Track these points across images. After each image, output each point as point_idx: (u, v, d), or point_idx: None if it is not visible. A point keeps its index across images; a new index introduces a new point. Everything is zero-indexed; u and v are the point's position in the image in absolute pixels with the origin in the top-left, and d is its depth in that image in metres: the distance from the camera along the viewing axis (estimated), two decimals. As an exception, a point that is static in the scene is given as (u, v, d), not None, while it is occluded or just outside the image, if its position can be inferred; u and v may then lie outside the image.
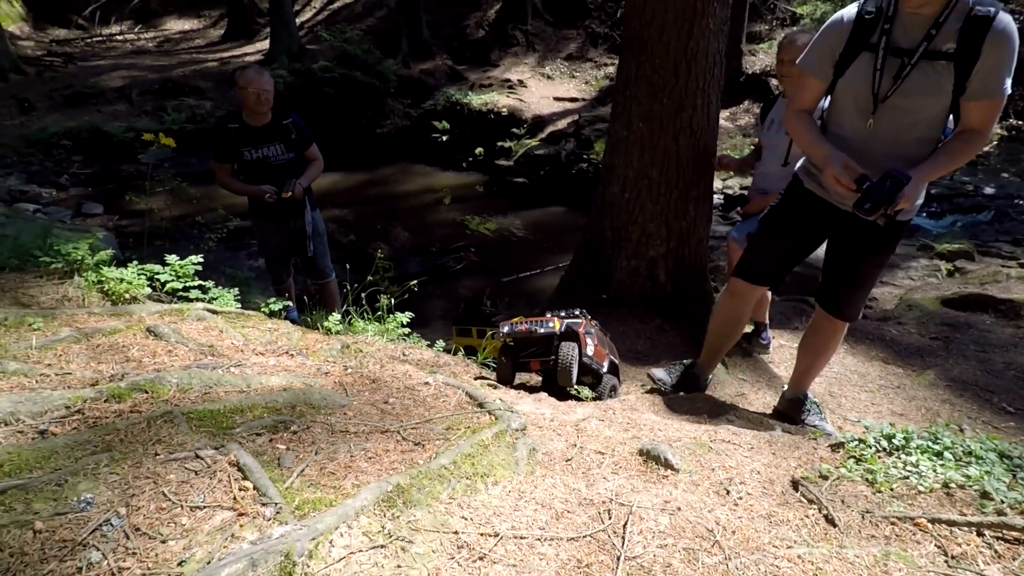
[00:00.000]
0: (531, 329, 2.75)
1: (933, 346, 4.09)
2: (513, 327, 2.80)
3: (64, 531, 1.01)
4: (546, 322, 2.77)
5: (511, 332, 2.79)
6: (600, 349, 2.99)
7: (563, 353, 2.67)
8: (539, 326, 2.75)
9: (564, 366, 2.65)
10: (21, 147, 9.84)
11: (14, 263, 2.68)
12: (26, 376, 1.57)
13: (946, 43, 1.98)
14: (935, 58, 2.00)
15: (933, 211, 8.01)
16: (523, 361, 2.86)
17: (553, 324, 2.75)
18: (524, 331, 2.75)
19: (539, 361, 2.80)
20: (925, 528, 1.28)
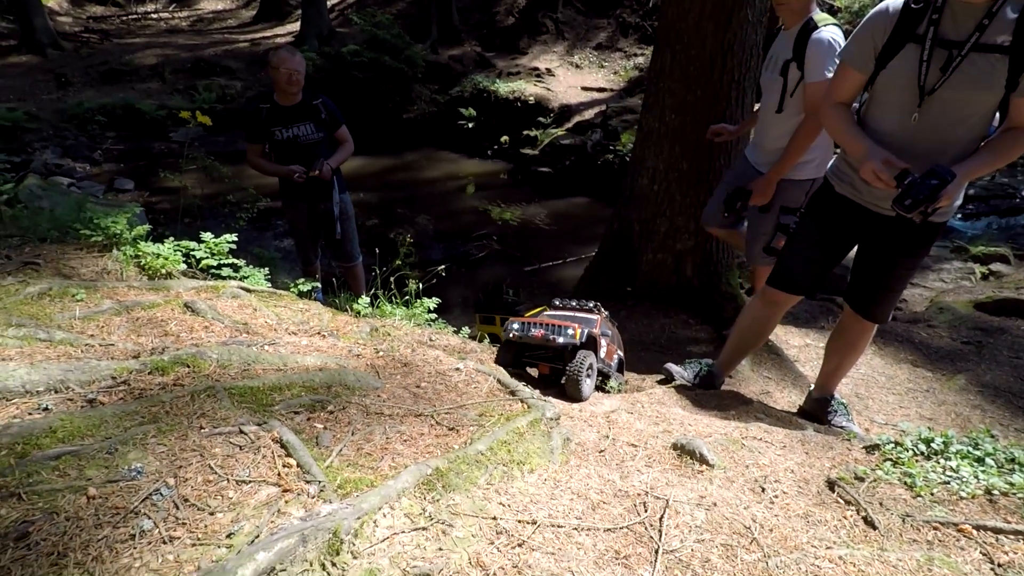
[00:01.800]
0: (548, 336, 2.47)
1: (965, 350, 4.00)
2: (526, 329, 2.52)
3: (116, 498, 1.03)
4: (565, 329, 2.48)
5: (522, 335, 2.51)
6: (611, 347, 2.90)
7: (576, 362, 2.43)
8: (557, 334, 2.47)
9: (573, 377, 2.41)
10: (57, 122, 10.03)
11: (55, 235, 2.74)
12: (72, 345, 1.61)
13: (1000, 35, 1.91)
14: (988, 51, 1.92)
15: (969, 212, 7.81)
16: (528, 361, 2.66)
17: (573, 333, 2.47)
18: (539, 337, 2.48)
19: (549, 367, 2.59)
20: (969, 534, 1.26)
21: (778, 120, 3.15)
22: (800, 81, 2.96)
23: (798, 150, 3.02)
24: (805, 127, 2.98)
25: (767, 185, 3.15)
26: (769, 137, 3.24)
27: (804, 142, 3.01)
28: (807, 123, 2.96)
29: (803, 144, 3.01)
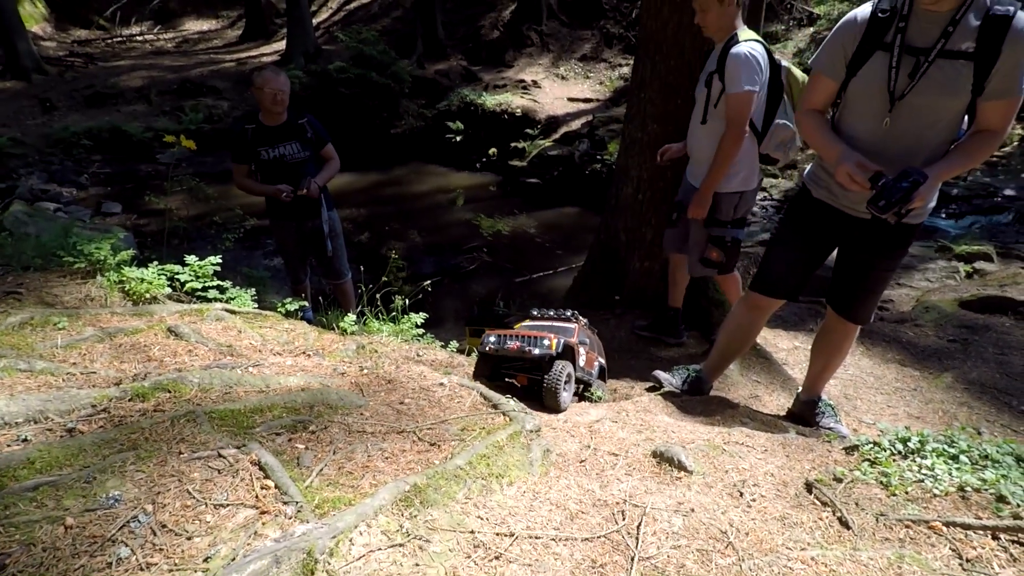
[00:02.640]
0: (523, 348, 2.45)
1: (951, 348, 4.04)
2: (502, 342, 2.51)
3: (94, 527, 1.04)
4: (541, 340, 2.47)
5: (498, 348, 2.50)
6: (591, 355, 2.90)
7: (553, 373, 2.43)
8: (533, 346, 2.46)
9: (551, 388, 2.41)
10: (43, 147, 10.03)
11: (38, 263, 2.74)
12: (52, 375, 1.61)
13: (964, 42, 1.97)
14: (953, 57, 1.99)
15: (952, 212, 7.91)
16: (506, 372, 2.64)
17: (549, 344, 2.46)
18: (515, 350, 2.46)
19: (527, 377, 2.57)
20: (940, 531, 1.28)
21: (703, 131, 3.24)
22: (722, 93, 3.04)
23: (723, 161, 3.10)
24: (727, 138, 3.05)
25: (701, 199, 3.22)
26: (696, 148, 3.33)
27: (728, 153, 3.08)
28: (728, 134, 3.03)
29: (727, 155, 3.09)
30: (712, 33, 3.09)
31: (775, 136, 3.20)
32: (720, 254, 3.37)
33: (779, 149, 3.26)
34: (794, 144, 3.27)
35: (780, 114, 3.17)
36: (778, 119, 3.17)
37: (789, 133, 3.19)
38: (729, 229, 3.35)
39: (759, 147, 3.23)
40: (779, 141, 3.23)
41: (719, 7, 2.98)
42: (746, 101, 2.95)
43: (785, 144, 3.24)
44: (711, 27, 3.07)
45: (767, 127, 3.20)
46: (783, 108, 3.17)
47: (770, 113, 3.18)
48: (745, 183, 3.28)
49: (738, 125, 3.00)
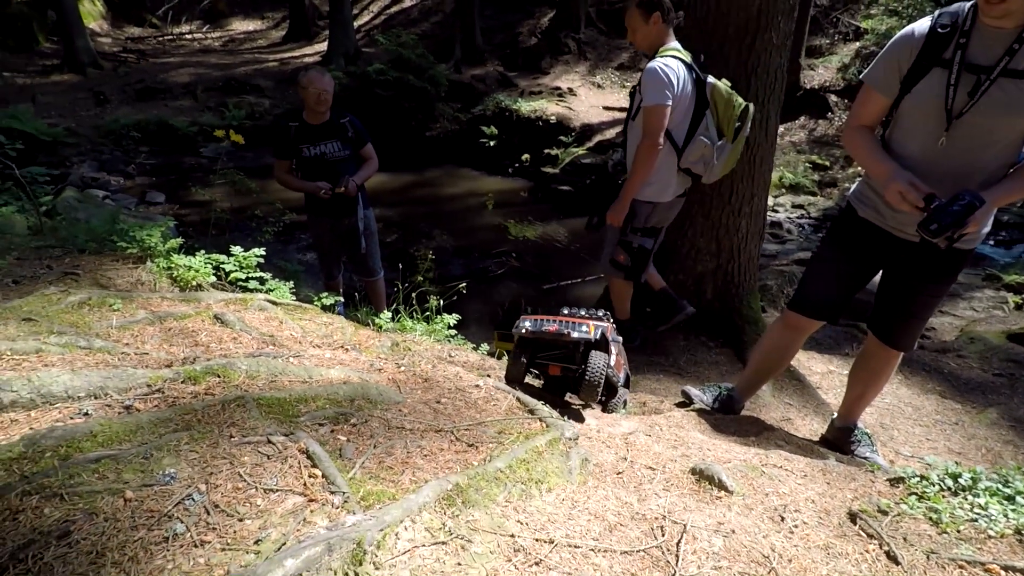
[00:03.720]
0: (561, 331, 2.32)
1: (996, 383, 3.91)
2: (538, 325, 2.38)
3: (151, 502, 1.07)
4: (578, 325, 2.35)
5: (536, 331, 2.36)
6: (619, 359, 2.82)
7: (593, 365, 2.31)
8: (571, 329, 2.33)
9: (592, 381, 2.28)
10: (95, 137, 10.40)
11: (92, 246, 2.84)
12: (109, 354, 1.66)
13: None
14: (1018, 76, 1.92)
15: (1001, 239, 7.66)
16: (540, 363, 2.49)
17: (587, 328, 2.34)
18: (552, 333, 2.33)
19: (560, 367, 2.43)
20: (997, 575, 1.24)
21: (629, 142, 3.39)
22: (640, 105, 3.17)
23: (638, 170, 3.21)
24: (641, 148, 3.16)
25: (619, 205, 3.36)
26: (628, 158, 3.44)
27: (641, 162, 3.18)
28: (642, 144, 3.15)
29: (641, 164, 3.19)
30: (643, 47, 3.27)
31: (694, 151, 3.26)
32: (626, 258, 3.54)
33: (698, 164, 3.31)
34: (713, 161, 3.31)
35: (701, 130, 3.24)
36: (699, 134, 3.23)
37: (709, 149, 3.25)
38: (638, 236, 3.49)
39: (679, 161, 3.31)
40: (698, 156, 3.28)
41: (645, 26, 3.17)
42: (656, 113, 3.07)
43: (704, 159, 3.30)
44: (641, 44, 3.26)
45: (688, 141, 3.26)
46: (705, 124, 3.24)
47: (693, 128, 3.25)
48: (658, 195, 3.38)
49: (650, 136, 3.11)
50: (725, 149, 3.31)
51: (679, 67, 3.11)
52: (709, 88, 3.22)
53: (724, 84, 3.26)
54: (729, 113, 3.26)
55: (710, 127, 3.24)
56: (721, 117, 3.27)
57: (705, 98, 3.22)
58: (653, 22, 3.15)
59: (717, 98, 3.24)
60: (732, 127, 3.27)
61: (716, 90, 3.23)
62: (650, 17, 3.14)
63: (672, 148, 3.25)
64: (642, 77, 3.11)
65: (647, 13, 3.14)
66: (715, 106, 3.24)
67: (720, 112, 3.26)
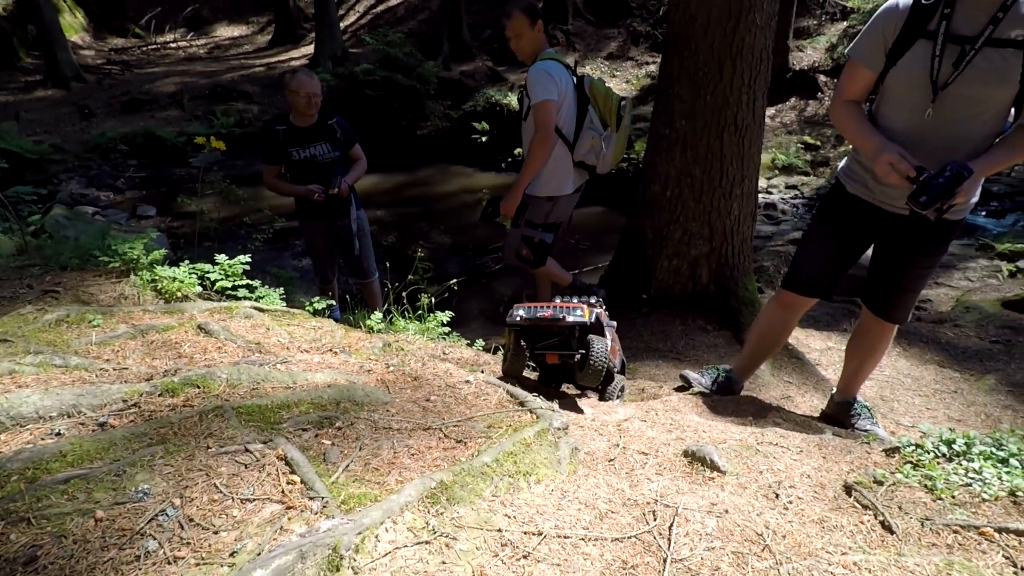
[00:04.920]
0: (556, 317, 2.24)
1: (993, 350, 3.89)
2: (532, 312, 2.30)
3: (123, 520, 1.05)
4: (572, 309, 2.28)
5: (530, 317, 2.27)
6: (614, 345, 2.77)
7: (595, 350, 2.25)
8: (566, 313, 2.26)
9: (596, 367, 2.23)
10: (81, 152, 10.34)
11: (75, 263, 2.81)
12: (86, 370, 1.64)
13: (1014, 29, 1.87)
14: (1002, 45, 1.89)
15: (993, 209, 7.63)
16: (537, 353, 2.41)
17: (582, 312, 2.27)
18: (547, 319, 2.24)
19: (558, 355, 2.35)
20: (991, 538, 1.22)
21: (524, 141, 3.57)
22: (529, 105, 3.38)
23: (531, 162, 3.41)
24: (534, 140, 3.37)
25: (511, 198, 3.55)
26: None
27: (534, 154, 3.38)
28: (535, 138, 3.36)
29: (534, 156, 3.40)
30: (525, 56, 3.50)
31: (584, 143, 3.52)
32: (529, 252, 3.75)
33: (590, 155, 3.57)
34: (603, 150, 3.59)
35: (587, 123, 3.51)
36: (586, 128, 3.51)
37: (597, 140, 3.54)
38: (539, 231, 3.72)
39: (573, 155, 3.55)
40: (588, 148, 3.54)
41: (531, 32, 3.39)
42: (545, 108, 3.31)
43: (595, 150, 3.57)
44: (524, 51, 3.47)
45: (577, 135, 3.52)
46: (589, 118, 3.51)
47: (579, 124, 3.52)
48: (558, 190, 3.60)
49: (542, 129, 3.34)
50: (612, 139, 3.60)
51: (558, 67, 3.39)
52: (587, 84, 3.52)
53: (599, 80, 3.57)
54: (609, 105, 3.55)
55: (594, 120, 3.52)
56: (603, 110, 3.55)
57: (585, 94, 3.50)
58: (537, 29, 3.39)
59: (596, 93, 3.53)
60: (614, 118, 3.57)
61: (594, 86, 3.53)
62: (535, 24, 3.38)
63: (564, 144, 3.50)
64: (527, 80, 3.37)
65: (532, 20, 3.37)
66: (595, 100, 3.53)
67: (601, 105, 3.54)
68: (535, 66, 3.37)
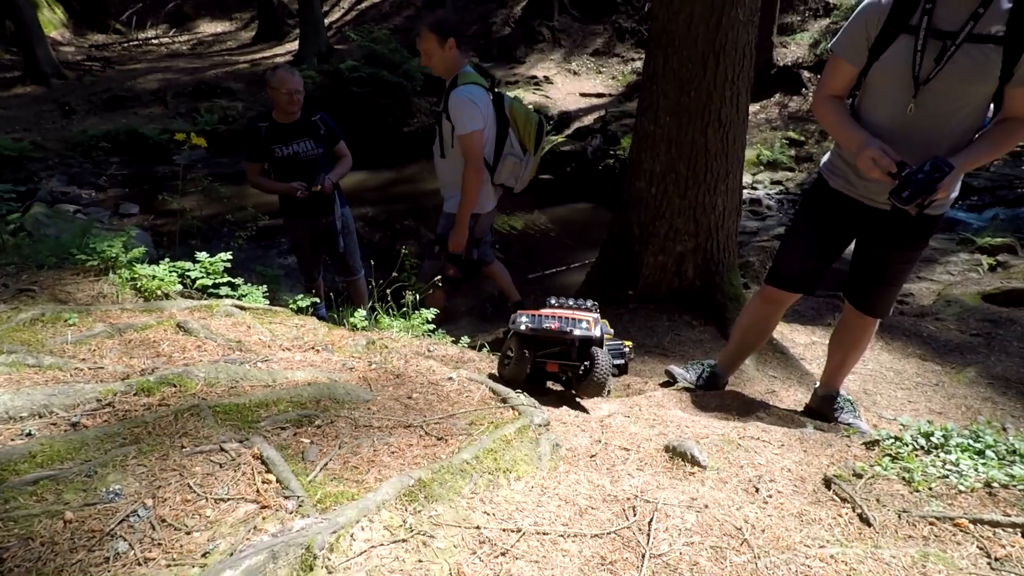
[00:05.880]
0: (563, 330, 2.23)
1: (974, 343, 3.94)
2: (537, 322, 2.29)
3: (93, 521, 1.03)
4: (578, 322, 2.28)
5: (536, 329, 2.26)
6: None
7: (599, 363, 2.24)
8: (573, 327, 2.25)
9: (598, 381, 2.23)
10: (62, 150, 10.17)
11: (53, 261, 2.76)
12: (60, 370, 1.61)
13: (994, 25, 1.89)
14: (982, 41, 1.90)
15: (974, 204, 7.72)
16: (539, 360, 2.39)
17: (587, 325, 2.27)
18: (554, 331, 2.23)
19: (558, 364, 2.36)
20: (966, 529, 1.23)
21: (444, 164, 3.53)
22: (453, 131, 3.29)
23: (468, 196, 3.36)
24: (467, 176, 3.31)
25: (458, 233, 3.50)
26: (441, 179, 3.63)
27: (471, 189, 3.33)
28: (467, 172, 3.30)
29: (470, 191, 3.34)
30: (440, 73, 3.37)
31: (504, 168, 3.49)
32: (456, 271, 3.70)
33: (510, 179, 3.56)
34: (522, 174, 3.56)
35: (507, 148, 3.45)
36: (506, 153, 3.45)
37: (518, 166, 3.51)
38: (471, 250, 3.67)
39: (492, 178, 3.52)
40: (509, 172, 3.51)
41: (441, 51, 3.25)
42: (474, 139, 3.25)
43: (514, 174, 3.54)
44: (437, 68, 3.35)
45: (498, 159, 3.47)
46: (510, 141, 3.45)
47: (499, 146, 3.45)
48: (479, 209, 3.56)
49: (473, 162, 3.28)
50: (529, 161, 3.57)
51: (481, 93, 3.30)
52: (507, 106, 3.42)
53: (519, 100, 3.50)
54: (528, 129, 3.49)
55: (514, 144, 3.47)
56: (522, 133, 3.49)
57: (505, 116, 3.41)
58: (449, 47, 3.25)
59: (516, 115, 3.45)
60: (532, 141, 3.52)
61: (514, 107, 3.44)
62: (446, 43, 3.23)
63: (485, 166, 3.44)
64: (451, 106, 3.25)
65: (442, 38, 3.22)
66: (515, 123, 3.46)
67: (520, 128, 3.48)
68: (459, 93, 3.24)
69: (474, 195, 3.38)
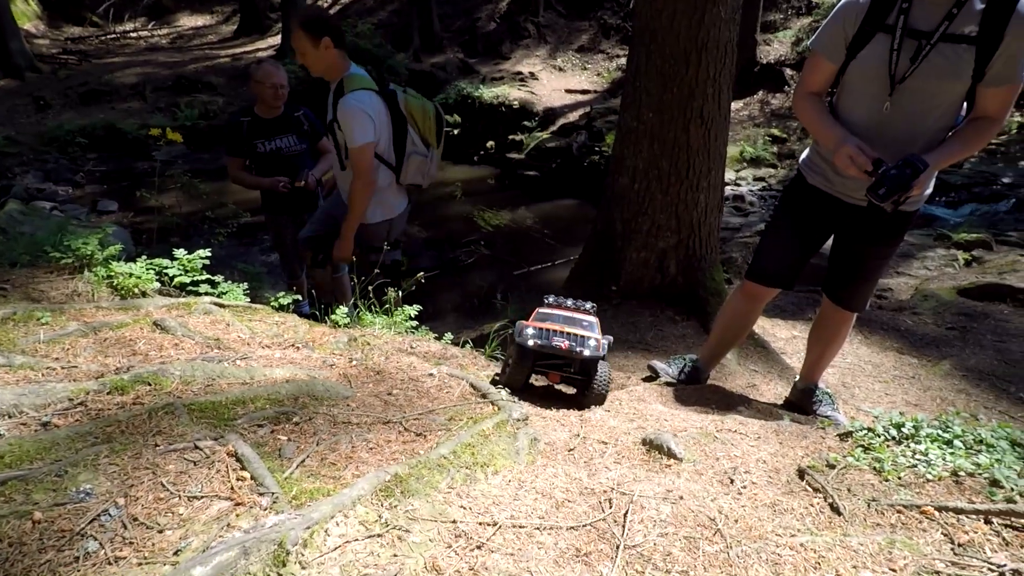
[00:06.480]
0: (573, 349, 2.19)
1: (949, 336, 4.01)
2: (546, 337, 2.22)
3: (63, 521, 1.02)
4: (586, 340, 2.24)
5: (545, 345, 2.20)
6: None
7: (600, 375, 2.25)
8: (583, 347, 2.20)
9: (600, 393, 2.25)
10: (37, 145, 9.98)
11: (26, 259, 2.72)
12: (32, 369, 1.59)
13: (968, 25, 1.92)
14: (956, 41, 1.94)
15: (951, 200, 7.86)
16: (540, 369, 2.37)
17: (595, 344, 2.24)
18: (564, 350, 2.19)
19: (560, 375, 2.35)
20: (932, 516, 1.26)
21: (344, 176, 3.29)
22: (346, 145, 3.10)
23: (356, 209, 3.20)
24: (355, 188, 3.13)
25: (343, 243, 3.32)
26: (343, 191, 3.42)
27: (359, 201, 3.17)
28: (355, 184, 3.12)
29: (358, 203, 3.18)
30: (319, 74, 3.13)
31: (410, 168, 3.32)
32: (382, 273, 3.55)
33: (417, 177, 3.40)
34: (430, 171, 3.43)
35: (410, 147, 3.27)
36: (409, 152, 3.28)
37: (424, 163, 3.35)
38: (388, 252, 3.50)
39: (399, 179, 3.35)
40: (415, 171, 3.36)
41: (315, 51, 3.01)
42: (365, 152, 3.05)
43: (421, 171, 3.39)
44: (315, 69, 3.11)
45: (401, 160, 3.29)
46: (411, 139, 3.27)
47: (399, 145, 3.26)
48: (390, 212, 3.43)
49: (363, 175, 3.10)
50: (434, 157, 3.41)
51: (371, 98, 3.08)
52: (402, 102, 3.21)
53: (412, 93, 3.30)
54: (427, 123, 3.32)
55: (416, 142, 3.29)
56: (422, 128, 3.31)
57: (401, 114, 3.22)
58: (324, 47, 2.99)
59: (413, 111, 3.26)
60: (433, 134, 3.35)
61: (408, 102, 3.25)
62: (319, 42, 2.98)
63: (389, 169, 3.29)
64: (340, 117, 3.06)
65: (315, 38, 2.97)
66: (412, 119, 3.26)
67: (419, 123, 3.29)
68: (348, 101, 3.01)
69: (362, 209, 3.22)
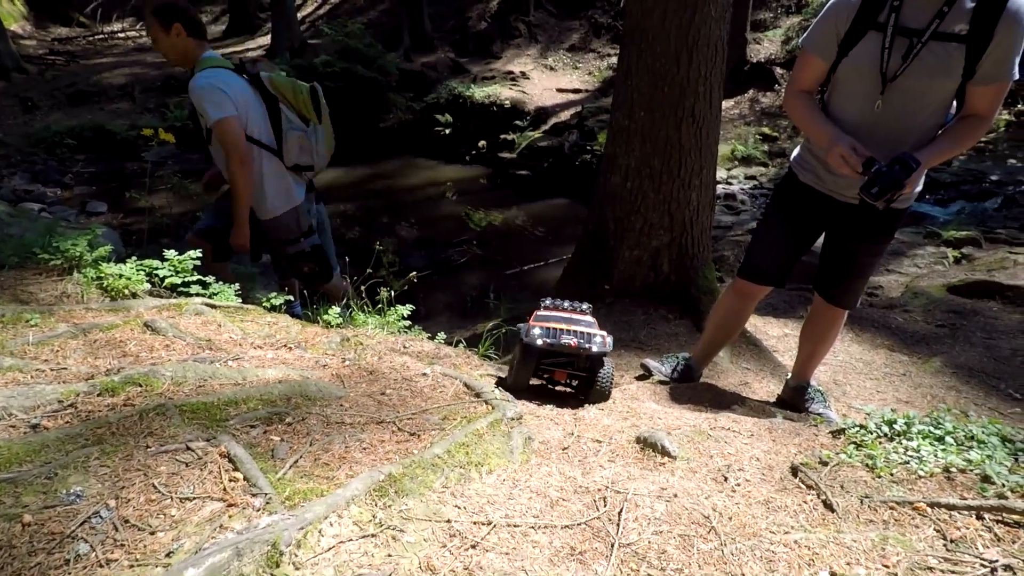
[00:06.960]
0: (581, 347, 2.20)
1: (939, 333, 4.05)
2: (554, 336, 2.24)
3: (53, 524, 1.01)
4: (593, 337, 2.25)
5: (553, 344, 2.21)
6: None
7: (604, 373, 2.28)
8: (589, 343, 2.22)
9: (603, 390, 2.28)
10: (25, 146, 9.88)
11: (14, 261, 2.69)
12: (21, 372, 1.57)
13: (958, 24, 1.94)
14: (946, 39, 1.95)
15: (940, 198, 7.93)
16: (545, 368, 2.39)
17: (601, 340, 2.26)
18: (573, 347, 2.20)
19: (566, 374, 2.36)
20: (924, 512, 1.27)
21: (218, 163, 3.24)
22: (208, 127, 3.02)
23: (239, 189, 3.06)
24: (231, 166, 3.02)
25: (238, 230, 3.21)
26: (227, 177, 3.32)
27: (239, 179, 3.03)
28: (230, 162, 3.01)
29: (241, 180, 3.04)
30: (175, 61, 3.09)
31: (290, 146, 3.22)
32: (311, 266, 3.57)
33: (303, 156, 3.29)
34: (313, 146, 3.31)
35: (286, 124, 3.20)
36: (286, 129, 3.20)
37: (303, 138, 3.25)
38: (302, 242, 3.48)
39: (284, 162, 3.25)
40: (298, 149, 3.26)
41: (167, 38, 2.96)
42: (227, 126, 2.94)
43: (305, 149, 3.29)
44: (169, 56, 3.07)
45: (280, 139, 3.21)
46: (286, 117, 3.20)
47: (276, 127, 3.19)
48: (291, 199, 3.33)
49: (234, 150, 2.98)
50: (319, 131, 3.32)
51: (226, 75, 3.02)
52: (268, 82, 3.16)
53: (279, 73, 3.25)
54: (299, 99, 3.22)
55: (292, 118, 3.23)
56: (295, 103, 3.23)
57: (270, 93, 3.17)
58: (175, 34, 2.95)
59: (281, 89, 3.19)
60: (310, 108, 3.25)
61: (275, 82, 3.18)
62: (170, 29, 2.93)
63: (272, 154, 3.21)
64: (193, 98, 3.00)
65: (165, 25, 2.93)
66: (283, 97, 3.20)
67: (291, 99, 3.22)
68: (197, 80, 2.95)
69: (245, 188, 3.08)
